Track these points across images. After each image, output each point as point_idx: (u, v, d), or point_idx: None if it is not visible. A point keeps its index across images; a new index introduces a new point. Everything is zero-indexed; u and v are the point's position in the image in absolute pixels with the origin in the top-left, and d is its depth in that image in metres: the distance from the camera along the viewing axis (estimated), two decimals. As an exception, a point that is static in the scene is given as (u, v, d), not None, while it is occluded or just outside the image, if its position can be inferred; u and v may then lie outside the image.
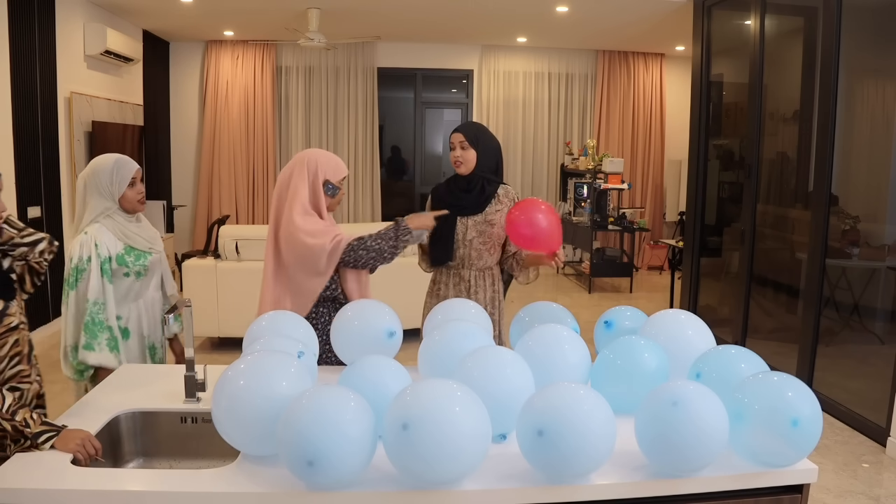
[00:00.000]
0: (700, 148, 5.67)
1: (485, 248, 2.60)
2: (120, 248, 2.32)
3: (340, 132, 8.45)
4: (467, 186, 2.60)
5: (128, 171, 2.34)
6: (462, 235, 2.60)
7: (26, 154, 5.10)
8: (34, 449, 1.60)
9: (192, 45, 8.28)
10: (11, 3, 4.86)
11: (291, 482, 1.47)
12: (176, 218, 8.15)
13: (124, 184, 2.32)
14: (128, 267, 2.33)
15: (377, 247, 2.30)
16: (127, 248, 2.34)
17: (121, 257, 2.32)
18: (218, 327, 5.04)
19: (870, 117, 4.34)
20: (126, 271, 2.33)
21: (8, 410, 1.63)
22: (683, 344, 1.91)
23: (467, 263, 2.62)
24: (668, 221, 8.88)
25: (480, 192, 2.59)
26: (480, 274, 2.63)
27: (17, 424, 1.60)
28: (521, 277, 2.69)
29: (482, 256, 2.61)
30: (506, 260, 2.69)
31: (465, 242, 2.60)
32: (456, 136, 2.59)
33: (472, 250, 2.60)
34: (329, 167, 2.33)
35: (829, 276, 4.29)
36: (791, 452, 1.53)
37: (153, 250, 2.42)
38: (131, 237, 2.35)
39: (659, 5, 6.11)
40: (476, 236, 2.59)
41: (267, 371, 1.56)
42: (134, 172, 2.35)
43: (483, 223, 2.59)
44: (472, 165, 2.58)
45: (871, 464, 3.51)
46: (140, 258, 2.36)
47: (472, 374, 1.61)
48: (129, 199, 2.35)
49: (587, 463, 1.45)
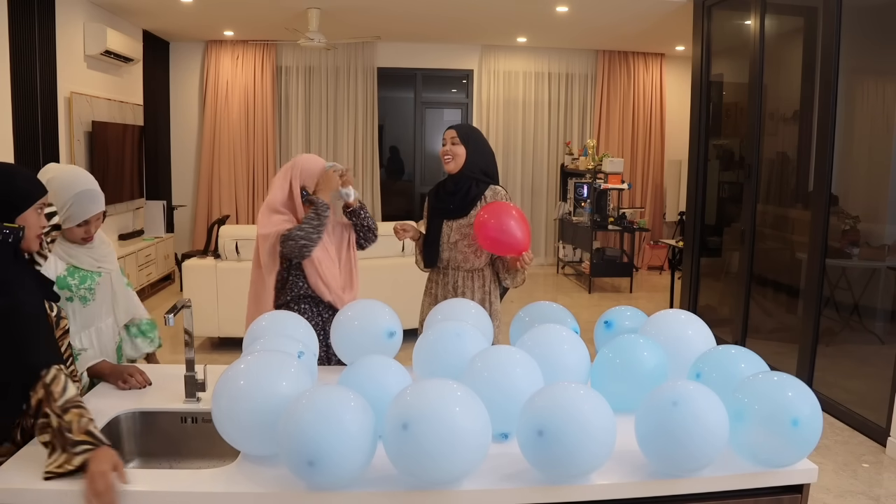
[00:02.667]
0: (700, 148, 5.67)
1: (470, 250, 2.61)
2: (61, 270, 2.03)
3: (340, 132, 8.45)
4: (454, 188, 2.61)
5: (86, 210, 2.01)
6: (447, 238, 2.62)
7: (26, 154, 5.10)
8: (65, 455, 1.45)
9: (192, 45, 8.28)
10: (11, 3, 4.86)
11: (291, 482, 1.47)
12: (176, 218, 8.15)
13: (73, 221, 2.00)
14: (70, 291, 2.03)
15: (301, 233, 2.40)
16: (70, 268, 2.05)
17: (62, 280, 2.02)
18: (218, 327, 5.04)
19: (870, 117, 4.34)
20: (69, 296, 2.03)
21: (63, 405, 1.50)
22: (683, 344, 1.91)
23: (453, 265, 2.64)
24: (668, 221, 8.87)
25: (466, 194, 2.59)
26: (468, 275, 2.64)
27: (63, 423, 1.48)
28: (507, 280, 2.68)
29: (468, 259, 2.62)
30: (494, 262, 2.69)
31: (450, 245, 2.62)
32: (448, 132, 2.62)
33: (457, 253, 2.61)
34: (307, 175, 2.48)
35: (829, 276, 4.29)
36: (791, 452, 1.53)
37: (102, 269, 2.12)
38: (76, 256, 2.06)
39: (659, 5, 6.11)
40: (460, 239, 2.60)
41: (267, 371, 1.56)
42: (91, 216, 2.03)
43: (467, 226, 2.59)
44: (461, 162, 2.59)
45: (871, 464, 3.51)
46: (85, 280, 2.07)
47: (482, 373, 1.62)
48: (73, 233, 2.04)
49: (587, 463, 1.45)
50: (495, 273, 2.71)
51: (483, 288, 2.67)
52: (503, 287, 2.76)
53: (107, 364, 2.07)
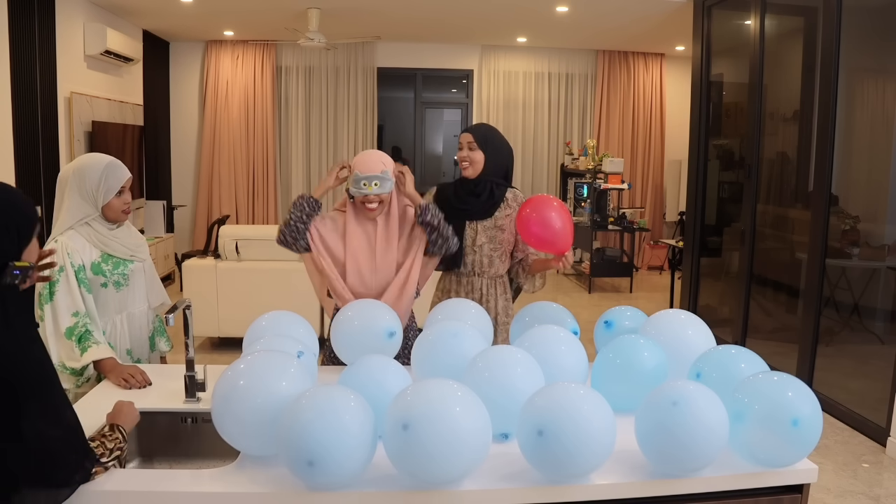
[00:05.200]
0: (700, 148, 5.67)
1: (496, 254, 2.50)
2: (96, 256, 2.13)
3: (340, 132, 8.45)
4: (475, 190, 2.48)
5: (118, 178, 2.13)
6: (472, 241, 2.49)
7: (26, 154, 5.10)
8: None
9: (192, 45, 8.28)
10: (11, 3, 4.86)
11: (291, 482, 1.46)
12: (176, 218, 8.15)
13: (112, 192, 2.12)
14: (105, 276, 2.14)
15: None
16: (104, 255, 2.15)
17: (96, 266, 2.13)
18: (218, 327, 5.04)
19: (870, 117, 4.34)
20: (103, 281, 2.14)
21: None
22: (683, 344, 1.91)
23: (478, 271, 2.50)
24: (668, 221, 8.87)
25: (489, 196, 2.48)
26: (492, 282, 2.53)
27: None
28: (527, 285, 2.58)
29: (493, 263, 2.51)
30: (512, 267, 2.59)
31: (476, 248, 2.49)
32: (465, 136, 2.49)
33: (482, 257, 2.49)
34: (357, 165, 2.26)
35: (829, 276, 4.29)
36: (791, 452, 1.53)
37: (135, 258, 2.23)
38: (109, 244, 2.16)
39: (659, 5, 6.11)
40: (486, 242, 2.48)
41: (267, 371, 1.56)
42: (125, 181, 2.15)
43: (493, 228, 2.48)
44: (479, 168, 2.47)
45: (871, 464, 3.51)
46: (119, 266, 2.17)
47: (482, 373, 1.62)
48: (114, 208, 2.14)
49: (587, 463, 1.45)
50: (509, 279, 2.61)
51: (504, 295, 2.56)
52: (515, 288, 2.66)
53: (110, 361, 2.08)
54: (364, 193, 2.21)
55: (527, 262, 2.56)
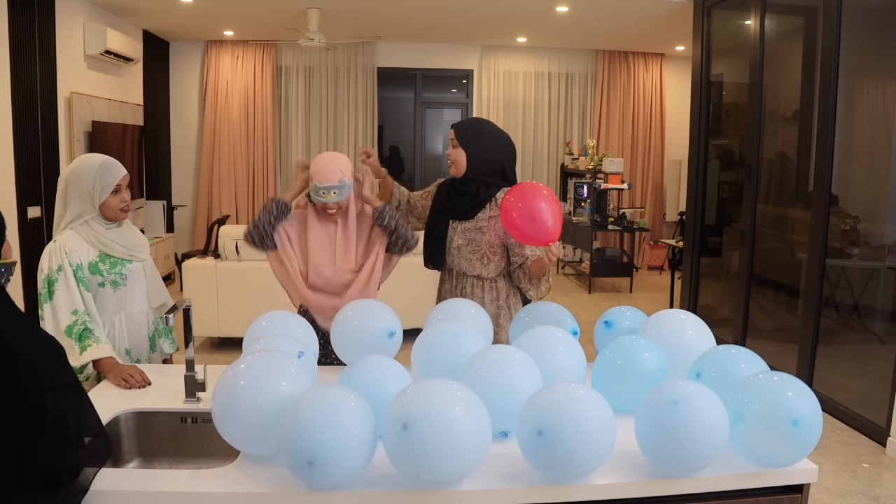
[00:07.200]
0: (700, 148, 5.67)
1: (475, 256, 2.41)
2: (93, 256, 2.15)
3: (340, 132, 8.45)
4: (461, 189, 2.42)
5: (113, 175, 2.15)
6: (450, 241, 2.44)
7: (26, 154, 5.10)
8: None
9: (192, 45, 8.28)
10: (11, 3, 4.86)
11: (291, 482, 1.47)
12: (176, 218, 8.15)
13: (107, 190, 2.14)
14: (102, 276, 2.16)
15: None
16: (102, 255, 2.17)
17: (94, 265, 2.15)
18: (218, 327, 5.04)
19: (870, 117, 4.34)
20: (101, 281, 2.16)
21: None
22: (683, 344, 1.91)
23: (458, 270, 2.46)
24: (668, 221, 8.87)
25: (474, 196, 2.39)
26: (478, 283, 2.44)
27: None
28: (531, 292, 2.44)
29: (473, 266, 2.42)
30: (513, 272, 2.46)
31: (453, 250, 2.44)
32: (450, 132, 2.45)
33: (460, 258, 2.43)
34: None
35: (829, 276, 4.29)
36: (791, 452, 1.53)
37: (134, 258, 2.24)
38: (107, 244, 2.17)
39: (659, 5, 6.11)
40: (463, 244, 2.41)
41: (267, 371, 1.56)
42: (120, 178, 2.16)
43: (472, 230, 2.40)
44: (462, 167, 2.40)
45: (871, 464, 3.51)
46: (116, 266, 2.19)
47: (481, 372, 1.62)
48: (111, 206, 2.16)
49: (587, 463, 1.45)
50: (515, 286, 2.49)
51: (496, 301, 2.45)
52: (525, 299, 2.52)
53: (109, 361, 2.08)
54: (323, 202, 2.29)
55: (526, 266, 2.42)
